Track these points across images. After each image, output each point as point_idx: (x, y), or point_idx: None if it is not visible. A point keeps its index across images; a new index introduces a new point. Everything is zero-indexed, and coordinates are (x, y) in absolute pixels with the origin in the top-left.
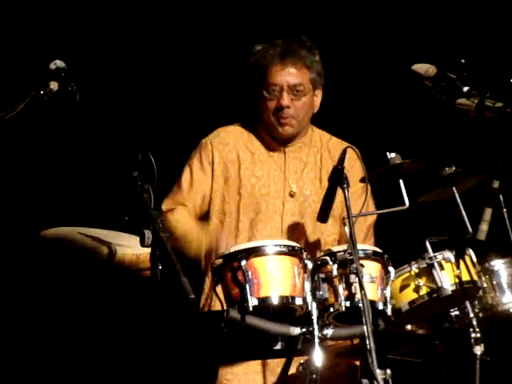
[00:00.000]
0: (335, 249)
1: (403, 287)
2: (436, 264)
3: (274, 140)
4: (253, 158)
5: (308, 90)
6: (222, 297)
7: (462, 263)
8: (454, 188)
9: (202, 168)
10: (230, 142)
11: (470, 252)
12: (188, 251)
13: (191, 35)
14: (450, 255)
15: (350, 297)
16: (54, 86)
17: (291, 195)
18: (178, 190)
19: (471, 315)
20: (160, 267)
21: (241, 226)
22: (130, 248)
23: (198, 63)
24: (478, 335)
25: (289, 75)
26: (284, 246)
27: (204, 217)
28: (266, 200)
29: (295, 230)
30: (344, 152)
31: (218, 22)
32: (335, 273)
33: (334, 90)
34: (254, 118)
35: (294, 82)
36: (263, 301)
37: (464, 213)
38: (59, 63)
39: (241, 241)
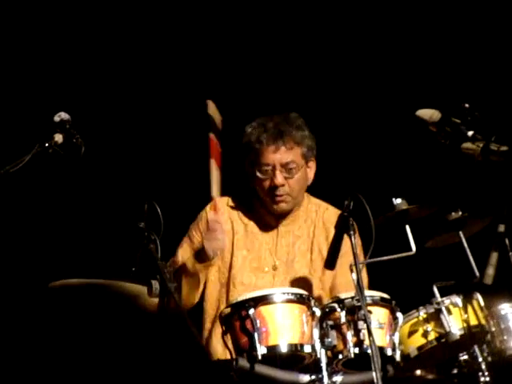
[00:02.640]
0: (343, 296)
1: (411, 332)
2: (444, 309)
3: (269, 213)
4: (246, 230)
5: (301, 165)
6: (230, 345)
7: (469, 307)
8: (460, 233)
9: (199, 239)
10: (225, 213)
11: (478, 296)
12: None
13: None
14: (457, 300)
15: (359, 343)
16: (58, 138)
17: (274, 269)
18: (177, 262)
19: (480, 359)
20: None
21: (231, 296)
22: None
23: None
24: (487, 379)
25: (280, 155)
26: (292, 293)
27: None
28: (256, 274)
29: None
30: (350, 199)
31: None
32: (343, 320)
33: (340, 137)
34: (251, 191)
35: (285, 161)
36: (272, 349)
37: (471, 257)
38: (64, 115)
39: None
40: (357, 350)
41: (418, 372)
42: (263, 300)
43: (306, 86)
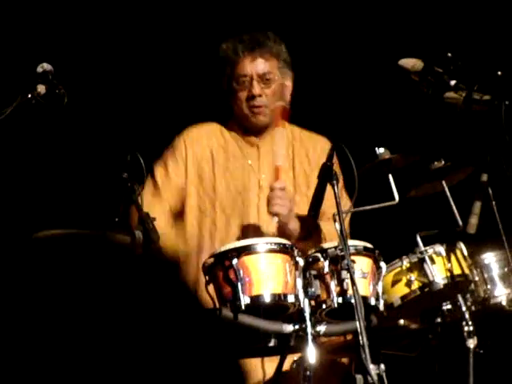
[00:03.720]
0: (326, 245)
1: (395, 282)
2: (427, 258)
3: (247, 133)
4: (226, 154)
5: (277, 77)
6: (214, 296)
7: (453, 257)
8: (443, 182)
9: (176, 164)
10: (203, 140)
11: (461, 245)
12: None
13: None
14: (440, 249)
15: (342, 293)
16: (41, 89)
17: (261, 187)
18: (155, 188)
19: (463, 309)
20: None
21: (218, 223)
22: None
23: (184, 64)
24: (471, 328)
25: (258, 65)
26: (275, 243)
27: (179, 215)
28: (242, 195)
29: (272, 221)
30: (332, 149)
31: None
32: (327, 269)
33: (322, 85)
34: (226, 114)
35: (263, 71)
36: (255, 299)
37: (454, 206)
38: (46, 66)
39: (219, 238)
40: (340, 300)
41: (402, 321)
42: (246, 250)
43: (290, 34)
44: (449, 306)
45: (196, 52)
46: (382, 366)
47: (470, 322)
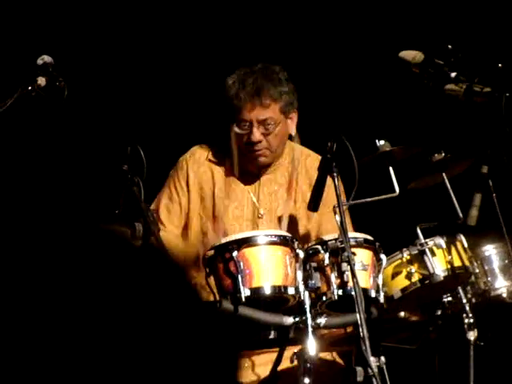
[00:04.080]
0: (326, 237)
1: (395, 274)
2: (427, 250)
3: (250, 163)
4: (227, 180)
5: (279, 121)
6: (214, 288)
7: (453, 249)
8: (443, 174)
9: (179, 188)
10: (205, 162)
11: (461, 238)
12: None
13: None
14: (441, 241)
15: (343, 285)
16: (41, 81)
17: (259, 217)
18: (157, 214)
19: (464, 301)
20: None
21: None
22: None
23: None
24: (471, 321)
25: (257, 112)
26: (275, 235)
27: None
28: (240, 222)
29: None
30: (333, 141)
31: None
32: (327, 261)
33: (323, 78)
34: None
35: (262, 118)
36: (256, 291)
37: (454, 198)
38: (46, 58)
39: None
40: (340, 292)
41: (402, 314)
42: (247, 242)
43: (289, 29)
44: (449, 299)
45: (198, 46)
46: (383, 359)
47: (470, 315)
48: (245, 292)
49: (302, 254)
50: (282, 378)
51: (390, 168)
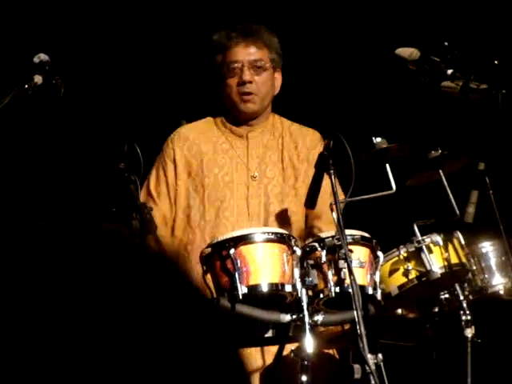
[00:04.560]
0: (323, 235)
1: (392, 271)
2: (424, 247)
3: (236, 124)
4: (215, 148)
5: (268, 66)
6: (211, 286)
7: (450, 246)
8: (440, 171)
9: (166, 166)
10: (190, 137)
11: (458, 235)
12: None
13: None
14: (438, 238)
15: (340, 282)
16: (38, 79)
17: (253, 178)
18: (148, 198)
19: (461, 298)
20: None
21: (207, 216)
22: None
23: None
24: (469, 318)
25: (250, 52)
26: (272, 233)
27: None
28: (230, 187)
29: (261, 212)
30: (330, 138)
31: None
32: (324, 259)
33: (319, 75)
34: (216, 110)
35: (254, 58)
36: (253, 288)
37: (451, 195)
38: (43, 56)
39: (209, 232)
40: (338, 289)
41: (399, 311)
42: (244, 240)
43: (286, 27)
44: (446, 296)
45: (190, 41)
46: (380, 356)
47: (467, 312)
48: (242, 290)
49: (299, 252)
50: (282, 372)
51: (387, 165)
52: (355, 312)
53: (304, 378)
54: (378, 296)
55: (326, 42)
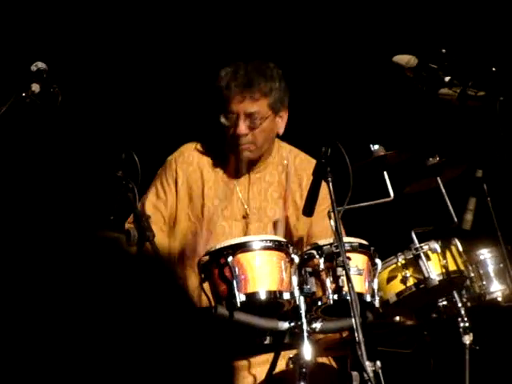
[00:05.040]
0: (321, 242)
1: (390, 279)
2: (422, 255)
3: (239, 161)
4: (216, 178)
5: (267, 115)
6: (209, 294)
7: (448, 253)
8: (438, 178)
9: (166, 187)
10: (194, 162)
11: (456, 242)
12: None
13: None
14: (436, 245)
15: (338, 290)
16: (35, 87)
17: (244, 217)
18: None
19: (459, 305)
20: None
21: (208, 242)
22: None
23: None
24: (467, 325)
25: (245, 105)
26: (270, 241)
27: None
28: (229, 223)
29: None
30: (327, 146)
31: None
32: (322, 266)
33: (317, 83)
34: (221, 136)
35: (249, 111)
36: (251, 296)
37: (449, 203)
38: (40, 65)
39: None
40: (336, 297)
41: (397, 318)
42: (241, 247)
43: (283, 32)
44: (444, 303)
45: (192, 48)
46: (378, 363)
47: (465, 318)
48: (240, 297)
49: (297, 259)
50: (278, 381)
51: (385, 172)
52: (353, 319)
53: None
54: (376, 303)
55: (324, 49)
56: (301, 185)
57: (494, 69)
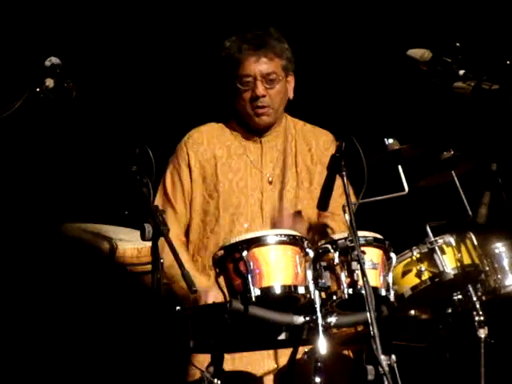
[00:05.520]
0: (336, 236)
1: (405, 273)
2: (437, 248)
3: (249, 131)
4: (229, 153)
5: (281, 77)
6: (224, 288)
7: (463, 247)
8: (452, 172)
9: (181, 170)
10: (204, 141)
11: (471, 235)
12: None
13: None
14: (450, 239)
15: (353, 284)
16: (49, 82)
17: (270, 183)
18: (166, 201)
19: (474, 298)
20: (161, 261)
21: (221, 221)
22: (131, 242)
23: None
24: (482, 318)
25: (261, 65)
26: (285, 235)
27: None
28: (245, 192)
29: (276, 217)
30: (342, 140)
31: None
32: (337, 260)
33: (331, 77)
34: (226, 114)
35: (266, 71)
36: (266, 291)
37: (463, 196)
38: (54, 60)
39: (222, 236)
40: (351, 291)
41: (412, 312)
42: (256, 242)
43: (297, 27)
44: (459, 296)
45: (201, 45)
46: (393, 357)
47: (480, 312)
48: (255, 292)
49: (311, 254)
50: (296, 374)
51: (399, 166)
52: (368, 313)
53: (317, 379)
54: (391, 297)
55: (338, 44)
56: (310, 150)
57: (508, 62)
